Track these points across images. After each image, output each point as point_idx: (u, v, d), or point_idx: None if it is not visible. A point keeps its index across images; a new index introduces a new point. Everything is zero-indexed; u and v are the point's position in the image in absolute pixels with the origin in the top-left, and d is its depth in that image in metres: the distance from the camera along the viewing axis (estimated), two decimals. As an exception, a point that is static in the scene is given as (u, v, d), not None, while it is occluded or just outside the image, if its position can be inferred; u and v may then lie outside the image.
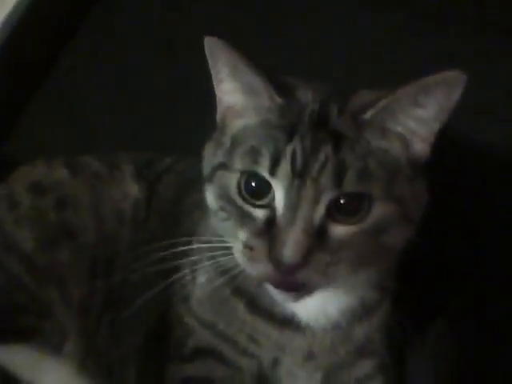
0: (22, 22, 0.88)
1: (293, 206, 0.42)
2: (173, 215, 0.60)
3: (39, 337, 0.57)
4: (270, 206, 0.44)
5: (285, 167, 0.43)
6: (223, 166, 0.47)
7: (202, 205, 0.51)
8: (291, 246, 0.41)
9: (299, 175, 0.43)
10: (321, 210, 0.43)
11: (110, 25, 0.95)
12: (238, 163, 0.45)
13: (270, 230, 0.43)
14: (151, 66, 0.90)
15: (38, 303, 0.57)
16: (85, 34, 0.94)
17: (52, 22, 0.93)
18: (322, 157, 0.43)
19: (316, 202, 0.42)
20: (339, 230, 0.43)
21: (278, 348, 0.53)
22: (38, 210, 0.61)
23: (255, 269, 0.44)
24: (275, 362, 0.54)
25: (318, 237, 0.42)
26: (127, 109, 0.87)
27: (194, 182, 0.55)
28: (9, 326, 0.58)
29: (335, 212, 0.43)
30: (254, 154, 0.44)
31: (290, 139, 0.44)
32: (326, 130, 0.44)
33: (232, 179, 0.46)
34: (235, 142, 0.47)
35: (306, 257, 0.42)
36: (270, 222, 0.43)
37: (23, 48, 0.89)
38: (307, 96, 0.47)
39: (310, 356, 0.53)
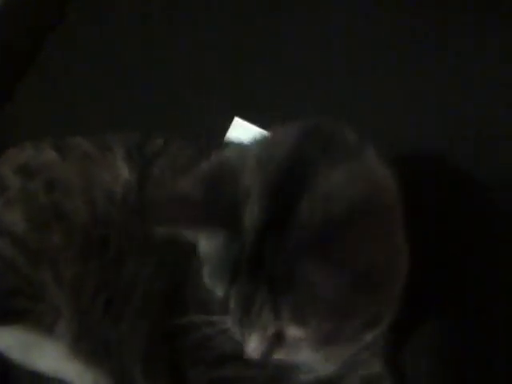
0: (8, 8, 0.87)
1: (246, 327, 0.47)
2: None
3: (32, 318, 0.57)
4: None
5: (232, 303, 0.46)
6: None
7: None
8: (251, 348, 0.48)
9: (245, 312, 0.46)
10: (271, 330, 0.46)
11: (97, 11, 0.94)
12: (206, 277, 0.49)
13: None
14: (138, 51, 0.89)
15: (31, 285, 0.57)
16: (72, 20, 0.93)
17: (38, 8, 0.93)
18: (258, 300, 0.45)
19: (265, 328, 0.46)
20: (294, 332, 0.46)
21: None
22: (27, 193, 0.60)
23: None
24: None
25: (276, 338, 0.47)
26: (115, 94, 0.86)
27: (188, 167, 0.55)
28: (2, 307, 0.58)
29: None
30: (212, 279, 0.48)
31: (233, 279, 0.45)
32: (263, 270, 0.44)
33: None
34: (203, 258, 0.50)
35: (267, 354, 0.48)
36: None
37: (10, 34, 0.88)
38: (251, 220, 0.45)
39: None
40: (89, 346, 0.58)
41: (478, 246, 0.69)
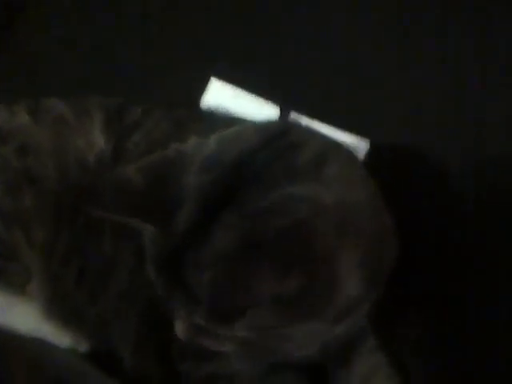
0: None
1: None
2: None
3: (3, 277, 0.59)
4: None
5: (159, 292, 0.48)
6: None
7: None
8: (178, 333, 0.50)
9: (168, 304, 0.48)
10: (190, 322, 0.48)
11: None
12: None
13: None
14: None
15: (3, 245, 0.58)
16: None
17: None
18: (176, 299, 0.47)
19: (184, 320, 0.49)
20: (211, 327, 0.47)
21: None
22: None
23: None
24: None
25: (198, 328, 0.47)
26: (91, 63, 0.85)
27: (162, 144, 0.54)
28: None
29: None
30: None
31: (158, 273, 0.47)
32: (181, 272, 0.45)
33: None
34: None
35: (194, 338, 0.49)
36: None
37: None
38: None
39: None
40: (62, 310, 0.60)
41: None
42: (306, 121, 0.78)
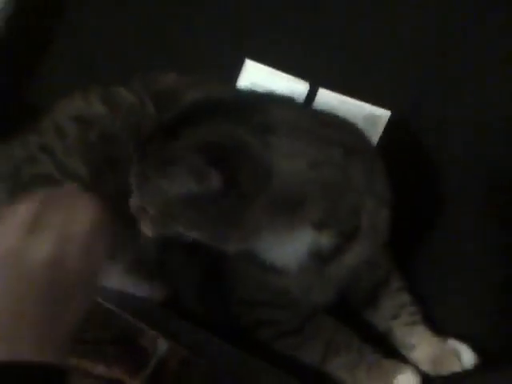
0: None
1: None
2: None
3: None
4: None
5: None
6: None
7: None
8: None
9: None
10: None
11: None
12: None
13: None
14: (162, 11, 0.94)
15: None
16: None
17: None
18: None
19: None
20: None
21: None
22: (83, 141, 0.70)
23: None
24: None
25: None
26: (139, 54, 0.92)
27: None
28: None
29: None
30: None
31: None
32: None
33: None
34: None
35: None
36: None
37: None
38: None
39: None
40: (142, 266, 0.71)
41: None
42: (332, 95, 0.86)
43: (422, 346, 0.71)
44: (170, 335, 0.75)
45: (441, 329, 0.73)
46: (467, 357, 0.70)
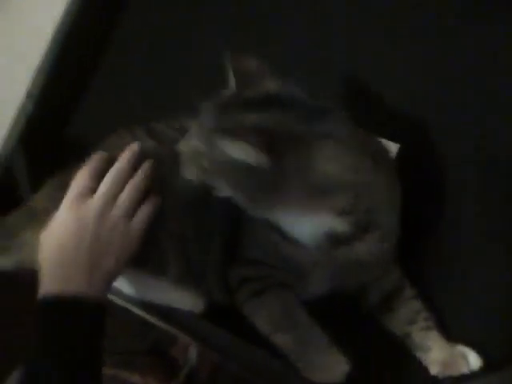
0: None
1: None
2: None
3: (150, 264, 0.77)
4: None
5: None
6: None
7: None
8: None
9: None
10: None
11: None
12: None
13: None
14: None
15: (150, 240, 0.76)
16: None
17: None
18: None
19: None
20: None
21: None
22: None
23: None
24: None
25: None
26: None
27: None
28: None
29: None
30: None
31: None
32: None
33: None
34: None
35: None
36: None
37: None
38: None
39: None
40: (189, 276, 0.77)
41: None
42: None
43: (435, 350, 0.78)
44: (201, 339, 0.83)
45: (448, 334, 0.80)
46: (474, 360, 0.78)
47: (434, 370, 0.79)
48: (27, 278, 0.72)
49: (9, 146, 0.97)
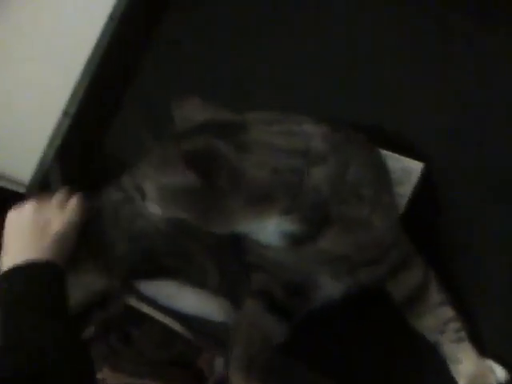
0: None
1: None
2: None
3: (183, 275, 0.82)
4: None
5: None
6: None
7: None
8: None
9: None
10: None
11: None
12: None
13: None
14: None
15: (178, 252, 0.81)
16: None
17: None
18: None
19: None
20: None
21: None
22: None
23: None
24: None
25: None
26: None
27: None
28: (155, 265, 0.84)
29: None
30: None
31: None
32: None
33: None
34: None
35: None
36: None
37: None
38: None
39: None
40: (223, 287, 0.82)
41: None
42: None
43: (466, 363, 0.79)
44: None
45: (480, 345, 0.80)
46: (500, 373, 0.79)
47: (461, 381, 0.80)
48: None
49: (45, 162, 1.02)
